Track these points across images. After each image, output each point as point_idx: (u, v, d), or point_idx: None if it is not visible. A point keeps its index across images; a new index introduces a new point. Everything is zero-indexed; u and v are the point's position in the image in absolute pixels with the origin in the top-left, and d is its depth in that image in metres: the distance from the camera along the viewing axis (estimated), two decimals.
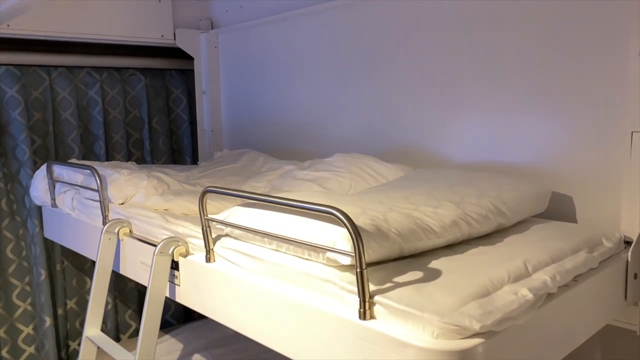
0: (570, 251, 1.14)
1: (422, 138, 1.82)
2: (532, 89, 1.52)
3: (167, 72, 2.71)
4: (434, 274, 0.98)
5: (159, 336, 2.53)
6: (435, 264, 1.04)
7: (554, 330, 1.00)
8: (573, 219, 1.45)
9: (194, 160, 2.78)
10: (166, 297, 2.67)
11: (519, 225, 1.33)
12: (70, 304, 2.45)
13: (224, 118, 2.67)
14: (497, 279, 0.96)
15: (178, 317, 2.74)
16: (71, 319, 2.46)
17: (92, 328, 1.55)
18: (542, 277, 1.00)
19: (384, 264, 1.03)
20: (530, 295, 0.93)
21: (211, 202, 1.49)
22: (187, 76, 2.75)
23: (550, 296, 1.00)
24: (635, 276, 1.27)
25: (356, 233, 0.90)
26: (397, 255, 1.05)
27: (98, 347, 1.52)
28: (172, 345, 2.43)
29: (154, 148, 2.67)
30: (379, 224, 1.02)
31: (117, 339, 2.54)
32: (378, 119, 1.95)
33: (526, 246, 1.14)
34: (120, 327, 2.60)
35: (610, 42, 1.35)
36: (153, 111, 2.66)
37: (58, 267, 2.38)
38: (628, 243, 1.31)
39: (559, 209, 1.47)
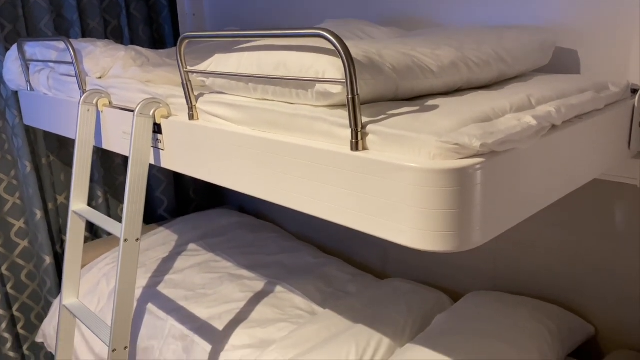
0: (576, 91, 1.07)
1: (419, 4, 1.69)
2: None
3: None
4: (432, 107, 0.92)
5: (153, 229, 2.54)
6: (432, 102, 0.97)
7: (555, 165, 0.95)
8: (577, 73, 1.38)
9: None
10: (159, 194, 2.66)
11: (521, 77, 1.25)
12: (61, 199, 2.42)
13: None
14: (499, 108, 0.90)
15: (172, 211, 2.73)
16: (63, 214, 2.43)
17: (78, 203, 1.51)
18: (547, 108, 0.94)
19: (377, 103, 0.96)
20: (534, 122, 0.87)
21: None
22: None
23: (554, 129, 0.95)
24: None
25: (347, 55, 0.82)
26: (392, 95, 0.98)
27: (86, 220, 1.48)
28: (167, 237, 2.42)
29: (133, 36, 2.52)
30: (373, 57, 0.94)
31: (109, 233, 2.54)
32: None
33: (530, 87, 1.07)
34: None
35: None
36: None
37: (44, 161, 2.31)
38: (635, 92, 1.24)
39: (562, 64, 1.38)
